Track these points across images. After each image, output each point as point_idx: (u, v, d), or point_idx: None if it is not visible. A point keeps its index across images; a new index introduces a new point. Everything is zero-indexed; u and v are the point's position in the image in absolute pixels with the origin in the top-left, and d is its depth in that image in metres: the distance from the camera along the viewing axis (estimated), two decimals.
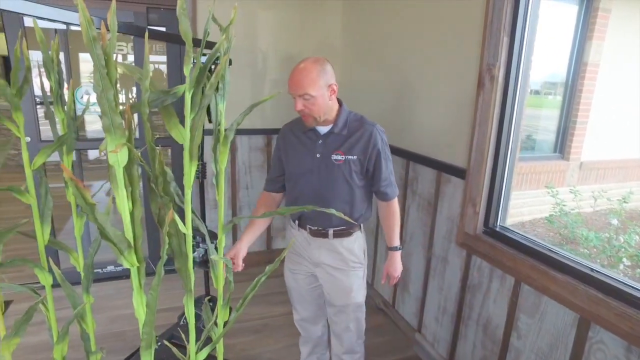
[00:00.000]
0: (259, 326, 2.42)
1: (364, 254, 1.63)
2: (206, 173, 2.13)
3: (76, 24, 1.23)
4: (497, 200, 1.70)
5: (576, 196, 3.99)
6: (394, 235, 1.61)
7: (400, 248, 1.64)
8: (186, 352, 0.92)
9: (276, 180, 1.64)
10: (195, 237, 1.91)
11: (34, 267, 0.98)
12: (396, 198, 1.59)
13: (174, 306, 2.48)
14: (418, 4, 2.09)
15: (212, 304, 0.99)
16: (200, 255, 1.91)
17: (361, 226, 1.63)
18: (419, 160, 2.14)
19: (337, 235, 1.56)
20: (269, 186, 1.66)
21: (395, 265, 1.63)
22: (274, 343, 2.27)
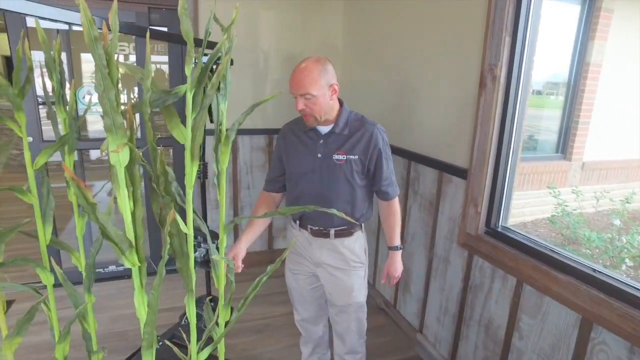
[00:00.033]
0: (260, 326, 2.42)
1: (365, 254, 1.63)
2: (207, 173, 2.14)
3: (78, 24, 1.23)
4: (499, 200, 1.70)
5: (578, 196, 3.98)
6: (395, 235, 1.60)
7: (401, 248, 1.63)
8: (187, 352, 0.92)
9: (276, 180, 1.64)
10: (196, 237, 1.91)
11: (36, 266, 0.99)
12: (397, 197, 1.59)
13: (175, 306, 2.48)
14: (419, 4, 2.08)
15: (213, 304, 0.99)
16: (202, 255, 1.91)
17: (362, 226, 1.63)
18: (421, 160, 2.13)
19: (338, 235, 1.56)
20: (268, 186, 1.66)
21: (395, 265, 1.63)
22: (275, 343, 2.27)
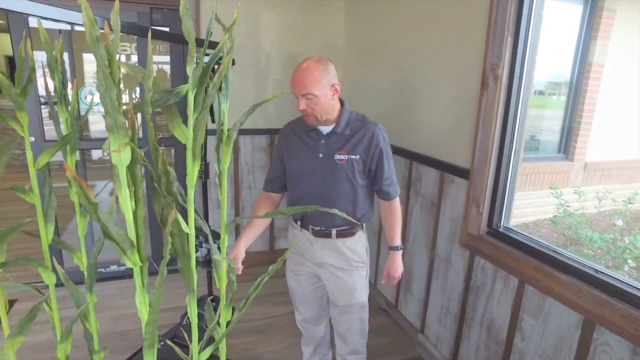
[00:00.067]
0: (261, 326, 2.42)
1: (366, 254, 1.63)
2: (209, 173, 2.14)
3: (80, 24, 1.23)
4: (501, 200, 1.69)
5: (580, 197, 3.97)
6: (395, 235, 1.60)
7: (402, 248, 1.63)
8: (189, 351, 0.92)
9: (276, 180, 1.63)
10: (198, 237, 1.91)
11: (38, 266, 0.99)
12: (398, 197, 1.59)
13: (176, 306, 2.48)
14: (420, 4, 2.08)
15: (214, 303, 0.99)
16: (203, 255, 1.92)
17: (363, 226, 1.63)
18: (422, 161, 2.13)
19: (340, 235, 1.55)
20: (268, 186, 1.65)
21: (395, 266, 1.63)
22: (276, 343, 2.27)
